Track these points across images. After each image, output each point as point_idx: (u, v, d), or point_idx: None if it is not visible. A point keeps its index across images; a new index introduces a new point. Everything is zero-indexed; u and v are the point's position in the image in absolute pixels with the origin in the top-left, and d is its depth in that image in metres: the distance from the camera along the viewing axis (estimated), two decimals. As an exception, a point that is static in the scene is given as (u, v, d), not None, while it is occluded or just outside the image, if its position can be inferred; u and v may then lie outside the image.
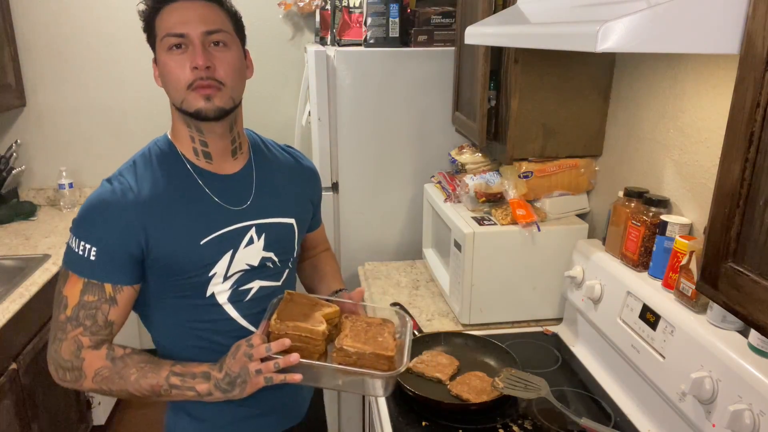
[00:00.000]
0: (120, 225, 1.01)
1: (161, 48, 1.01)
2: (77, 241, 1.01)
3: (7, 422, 1.84)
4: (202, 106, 1.01)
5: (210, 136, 1.08)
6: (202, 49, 0.99)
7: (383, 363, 1.06)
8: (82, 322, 1.02)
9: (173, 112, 1.09)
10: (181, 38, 0.99)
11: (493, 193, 1.73)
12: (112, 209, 1.01)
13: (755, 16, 0.68)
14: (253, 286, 1.14)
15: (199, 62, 0.98)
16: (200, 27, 0.99)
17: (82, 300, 1.02)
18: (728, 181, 0.72)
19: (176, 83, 1.01)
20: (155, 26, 1.02)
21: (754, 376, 0.96)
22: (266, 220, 1.14)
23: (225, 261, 1.09)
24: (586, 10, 0.99)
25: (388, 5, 2.03)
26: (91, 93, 2.83)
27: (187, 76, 1.00)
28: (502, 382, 1.29)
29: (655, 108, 1.41)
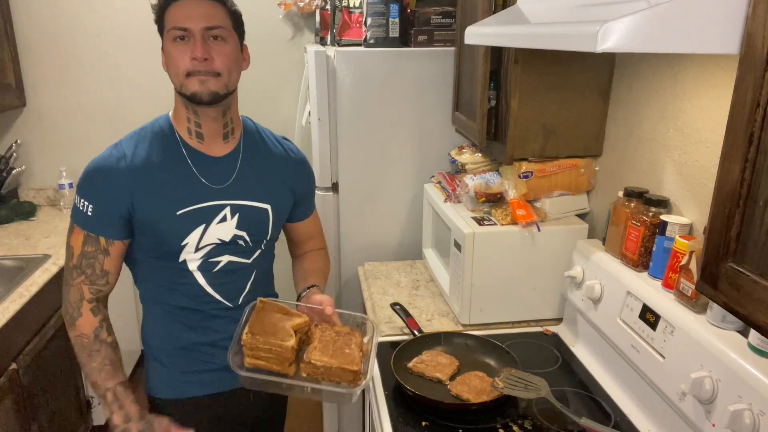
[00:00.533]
0: (112, 187, 1.17)
1: (168, 38, 1.15)
2: (79, 198, 1.18)
3: (7, 422, 1.84)
4: (197, 89, 1.14)
5: (204, 119, 1.21)
6: (202, 42, 1.13)
7: (348, 376, 1.15)
8: (84, 270, 1.20)
9: (175, 95, 1.22)
10: (185, 32, 1.12)
11: (493, 193, 1.73)
12: (107, 173, 1.17)
13: (755, 16, 0.68)
14: (222, 260, 1.26)
15: (198, 54, 1.12)
16: (201, 23, 1.12)
17: (83, 250, 1.20)
18: (728, 181, 0.72)
19: (176, 69, 1.14)
20: (165, 19, 1.15)
21: (754, 376, 0.96)
22: (242, 202, 1.26)
23: (197, 233, 1.22)
24: (586, 10, 0.99)
25: (388, 5, 2.03)
26: (91, 93, 2.83)
27: (186, 65, 1.13)
28: (502, 382, 1.29)
29: (655, 108, 1.41)
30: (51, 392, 2.16)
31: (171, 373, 1.32)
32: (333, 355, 1.16)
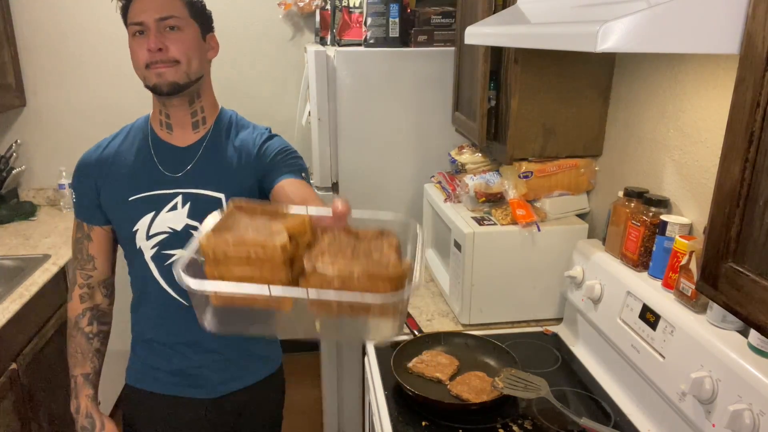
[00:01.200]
0: (84, 177, 1.26)
1: (129, 35, 1.19)
2: (71, 188, 1.30)
3: (7, 422, 1.84)
4: (156, 81, 1.16)
5: (171, 109, 1.23)
6: (156, 33, 1.15)
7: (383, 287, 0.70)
8: (76, 256, 1.31)
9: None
10: (140, 25, 1.15)
11: (493, 193, 1.73)
12: (83, 164, 1.27)
13: (755, 16, 0.68)
14: (175, 253, 1.25)
15: (151, 45, 1.14)
16: (154, 14, 1.15)
17: (75, 236, 1.31)
18: (728, 181, 0.72)
19: (137, 63, 1.18)
20: (127, 12, 1.19)
21: (754, 376, 0.96)
22: (194, 191, 1.23)
23: (146, 220, 1.23)
24: (586, 10, 0.99)
25: (388, 5, 2.03)
26: (91, 93, 2.83)
27: (144, 57, 1.16)
28: (502, 382, 1.29)
29: (655, 108, 1.41)
30: (51, 392, 2.16)
31: (137, 363, 1.36)
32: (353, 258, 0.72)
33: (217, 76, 1.32)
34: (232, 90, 2.87)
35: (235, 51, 2.83)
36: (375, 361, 1.50)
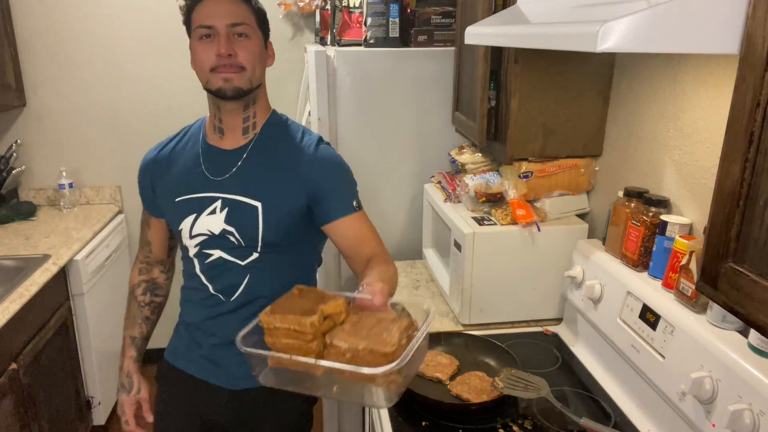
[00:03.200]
0: (142, 173, 1.36)
1: (194, 37, 1.19)
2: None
3: (7, 422, 1.84)
4: (222, 85, 1.18)
5: (225, 114, 1.25)
6: (226, 38, 1.16)
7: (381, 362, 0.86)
8: (141, 236, 1.44)
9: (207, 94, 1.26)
10: (210, 29, 1.16)
11: (493, 193, 1.73)
12: (144, 162, 1.36)
13: (755, 16, 0.68)
14: (214, 254, 1.28)
15: (223, 51, 1.16)
16: (226, 20, 1.16)
17: (142, 219, 1.42)
18: (728, 181, 0.72)
19: (202, 66, 1.19)
20: (192, 19, 1.20)
21: (754, 376, 0.96)
22: (233, 197, 1.25)
23: (189, 221, 1.28)
24: (586, 10, 0.99)
25: (388, 5, 2.03)
26: (91, 93, 2.83)
27: (211, 61, 1.17)
28: (502, 382, 1.29)
29: (655, 108, 1.41)
30: (51, 392, 2.16)
31: (177, 341, 1.42)
32: (364, 337, 0.91)
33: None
34: (232, 90, 2.87)
35: (235, 51, 2.83)
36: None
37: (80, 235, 2.49)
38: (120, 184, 2.97)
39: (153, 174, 1.34)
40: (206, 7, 1.18)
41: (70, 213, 2.81)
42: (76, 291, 2.36)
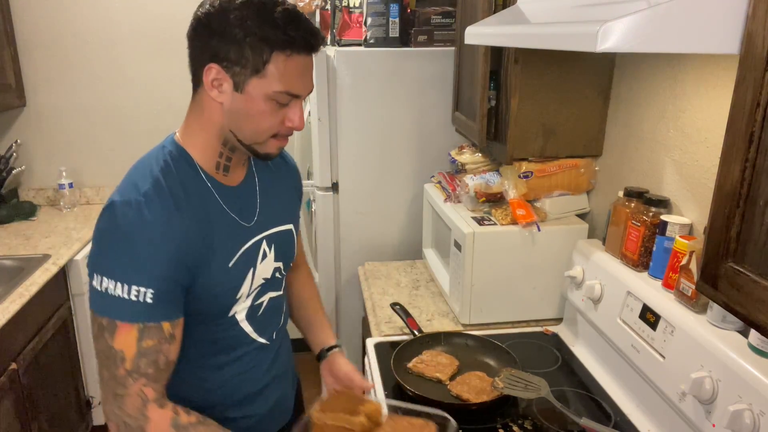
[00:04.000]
0: (173, 258, 0.92)
1: (264, 89, 0.93)
2: (126, 286, 0.89)
3: (7, 422, 1.84)
4: (274, 152, 1.01)
5: (237, 154, 1.04)
6: (302, 109, 0.98)
7: None
8: (144, 372, 0.92)
9: (213, 130, 0.99)
10: (292, 97, 0.95)
11: (493, 193, 1.73)
12: (161, 243, 0.91)
13: (755, 16, 0.68)
14: (264, 299, 1.12)
15: (301, 127, 0.98)
16: (309, 89, 0.98)
17: (140, 348, 0.91)
18: (728, 181, 0.72)
19: (260, 128, 0.97)
20: (271, 58, 0.91)
21: (754, 376, 0.96)
22: (272, 230, 1.11)
23: (249, 279, 1.06)
24: (586, 10, 0.99)
25: (388, 5, 2.03)
26: (90, 93, 2.83)
27: (276, 127, 0.97)
28: (502, 382, 1.29)
29: (655, 108, 1.41)
30: (51, 392, 2.16)
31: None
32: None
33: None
34: (232, 90, 2.87)
35: (235, 51, 2.83)
36: (375, 361, 1.50)
37: (80, 235, 2.49)
38: (120, 184, 2.97)
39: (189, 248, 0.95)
40: (299, 65, 0.93)
41: (70, 213, 2.81)
42: (76, 291, 2.36)
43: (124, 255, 0.90)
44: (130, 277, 0.89)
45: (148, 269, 0.90)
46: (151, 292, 0.90)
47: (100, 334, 0.92)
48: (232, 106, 0.95)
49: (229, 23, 0.89)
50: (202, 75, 0.94)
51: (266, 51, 0.90)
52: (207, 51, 0.92)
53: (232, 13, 0.89)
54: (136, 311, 0.90)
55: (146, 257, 0.90)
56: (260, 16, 0.89)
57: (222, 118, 0.96)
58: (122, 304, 0.90)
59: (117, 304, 0.90)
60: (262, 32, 0.89)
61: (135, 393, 0.92)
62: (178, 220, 0.94)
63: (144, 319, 0.91)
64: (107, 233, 0.92)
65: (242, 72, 0.91)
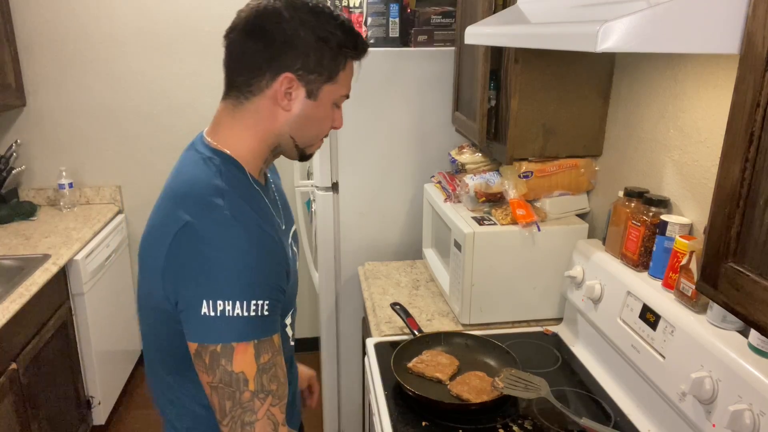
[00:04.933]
0: (276, 266, 0.91)
1: (330, 98, 0.96)
2: (245, 303, 0.85)
3: (7, 422, 1.84)
4: (316, 151, 1.05)
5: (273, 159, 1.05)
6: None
7: None
8: (269, 389, 0.88)
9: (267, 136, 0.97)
10: (346, 98, 0.99)
11: (493, 193, 1.73)
12: (270, 252, 0.90)
13: (755, 16, 0.68)
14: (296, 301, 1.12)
15: (341, 125, 1.01)
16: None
17: (260, 365, 0.87)
18: (728, 181, 0.72)
19: (322, 131, 0.99)
20: (341, 69, 0.94)
21: (754, 376, 0.96)
22: (292, 230, 1.12)
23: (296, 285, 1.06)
24: (586, 10, 0.99)
25: (388, 5, 2.03)
26: (91, 93, 2.84)
27: (325, 132, 1.01)
28: (502, 382, 1.29)
29: (655, 108, 1.41)
30: (51, 392, 2.16)
31: None
32: None
33: (217, 76, 1.32)
34: (232, 90, 2.87)
35: (235, 51, 2.83)
36: (375, 361, 1.50)
37: (80, 235, 2.49)
38: (120, 184, 2.97)
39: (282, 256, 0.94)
40: (352, 72, 0.97)
41: (70, 213, 2.81)
42: (76, 291, 2.36)
43: (237, 273, 0.85)
44: (249, 293, 0.85)
45: (264, 281, 0.87)
46: (268, 303, 0.87)
47: (215, 364, 0.85)
48: (301, 113, 0.95)
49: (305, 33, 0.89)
50: (262, 84, 0.92)
51: (341, 59, 0.93)
52: (276, 61, 0.90)
53: (311, 27, 0.89)
54: (252, 327, 0.86)
55: (259, 269, 0.87)
56: (335, 28, 0.91)
57: (282, 125, 0.95)
58: (239, 324, 0.85)
59: (234, 325, 0.85)
60: (338, 41, 0.91)
61: (264, 416, 0.88)
62: (264, 227, 0.90)
63: (259, 334, 0.87)
64: (207, 256, 0.85)
65: (317, 80, 0.92)
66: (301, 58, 0.90)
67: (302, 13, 0.89)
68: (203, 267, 0.85)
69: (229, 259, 0.85)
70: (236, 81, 0.94)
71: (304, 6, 0.90)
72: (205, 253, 0.85)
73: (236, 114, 0.96)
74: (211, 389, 0.87)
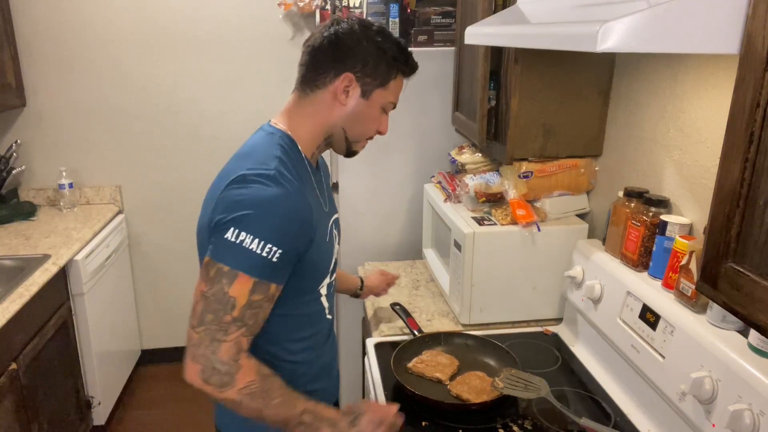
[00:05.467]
0: (301, 227, 1.04)
1: (380, 102, 1.14)
2: (261, 242, 0.98)
3: (7, 422, 1.84)
4: (359, 152, 1.21)
5: (325, 149, 1.21)
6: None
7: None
8: (246, 322, 1.01)
9: (323, 125, 1.14)
10: (394, 106, 1.19)
11: (493, 193, 1.73)
12: (299, 212, 1.04)
13: (755, 16, 0.68)
14: (334, 279, 1.25)
15: (386, 133, 1.20)
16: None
17: (250, 300, 1.00)
18: (728, 181, 0.72)
19: (368, 129, 1.17)
20: (393, 78, 1.14)
21: (754, 376, 0.96)
22: (334, 217, 1.25)
23: (333, 257, 1.20)
24: (586, 10, 0.99)
25: (388, 5, 2.03)
26: (91, 93, 2.83)
27: (372, 134, 1.19)
28: (502, 382, 1.29)
29: (655, 108, 1.41)
30: (51, 392, 2.16)
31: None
32: None
33: (217, 76, 1.32)
34: (233, 90, 2.87)
35: (235, 51, 2.83)
36: (375, 361, 1.50)
37: (80, 235, 2.49)
38: (120, 184, 2.97)
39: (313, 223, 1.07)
40: (401, 87, 1.17)
41: (70, 213, 2.81)
42: (76, 291, 2.36)
43: (266, 216, 1.00)
44: (268, 236, 0.99)
45: (285, 232, 1.01)
46: (280, 252, 1.00)
47: (217, 279, 0.99)
48: (354, 109, 1.13)
49: (368, 45, 1.10)
50: (326, 80, 1.11)
51: (393, 71, 1.13)
52: (342, 63, 1.10)
53: (374, 40, 1.10)
54: (259, 266, 0.99)
55: (285, 222, 1.01)
56: (393, 45, 1.13)
57: (337, 117, 1.13)
58: (250, 258, 0.98)
59: (245, 256, 0.98)
60: (393, 55, 1.12)
61: (233, 340, 1.00)
62: (304, 194, 1.06)
63: (262, 275, 1.00)
64: (248, 198, 1.01)
65: (372, 83, 1.12)
66: (362, 63, 1.10)
67: (369, 31, 1.11)
68: (241, 204, 1.00)
69: (264, 204, 1.00)
70: (307, 77, 1.13)
71: (372, 26, 1.12)
72: (246, 194, 1.01)
73: (301, 103, 1.15)
74: (201, 297, 1.00)
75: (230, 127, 2.89)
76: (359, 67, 1.10)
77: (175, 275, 3.12)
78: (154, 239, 3.06)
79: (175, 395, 2.94)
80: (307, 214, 1.05)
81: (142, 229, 3.05)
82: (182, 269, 3.11)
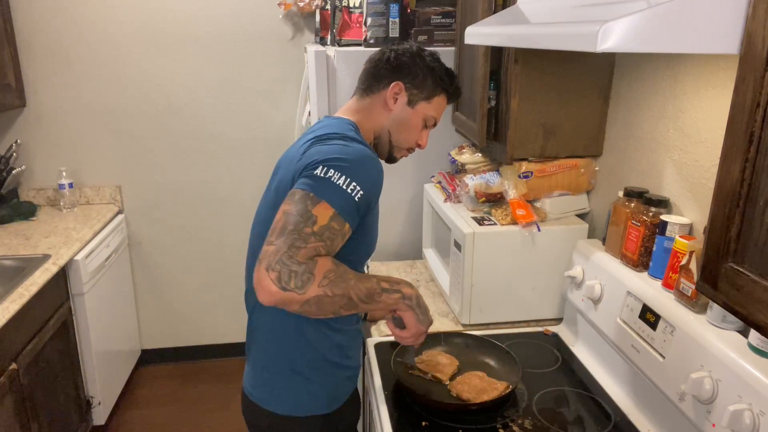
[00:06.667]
0: (378, 184, 1.18)
1: (423, 113, 1.30)
2: (348, 180, 1.09)
3: (7, 422, 1.84)
4: (397, 160, 1.38)
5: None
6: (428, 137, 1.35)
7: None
8: (324, 239, 1.07)
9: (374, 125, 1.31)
10: (431, 126, 1.33)
11: (493, 193, 1.73)
12: (377, 168, 1.18)
13: (755, 16, 0.68)
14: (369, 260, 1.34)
15: (425, 147, 1.36)
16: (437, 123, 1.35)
17: (329, 224, 1.08)
18: (728, 181, 0.72)
19: (408, 140, 1.32)
20: (437, 95, 1.30)
21: (754, 376, 0.96)
22: None
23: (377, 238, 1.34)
24: (586, 10, 0.99)
25: (388, 5, 2.03)
26: (91, 93, 2.83)
27: (412, 142, 1.33)
28: None
29: (655, 108, 1.41)
30: (51, 392, 2.16)
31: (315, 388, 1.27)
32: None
33: (217, 76, 1.32)
34: (233, 90, 2.87)
35: (235, 51, 2.83)
36: (375, 361, 1.50)
37: (80, 235, 2.49)
38: (120, 183, 2.97)
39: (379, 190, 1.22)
40: (443, 106, 1.32)
41: (70, 213, 2.81)
42: (76, 291, 2.36)
43: (353, 162, 1.12)
44: (355, 177, 1.10)
45: (366, 179, 1.12)
46: (362, 193, 1.10)
47: (302, 201, 1.07)
48: (400, 115, 1.29)
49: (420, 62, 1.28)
50: (380, 87, 1.28)
51: (438, 89, 1.29)
52: (396, 74, 1.27)
53: (425, 59, 1.29)
54: (341, 200, 1.08)
55: (367, 171, 1.13)
56: (442, 67, 1.30)
57: (386, 120, 1.30)
58: (335, 191, 1.08)
59: (331, 189, 1.08)
60: (440, 75, 1.29)
61: (311, 247, 1.05)
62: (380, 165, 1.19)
63: (342, 210, 1.08)
64: (334, 147, 1.14)
65: (418, 94, 1.28)
66: (411, 76, 1.27)
67: (423, 52, 1.30)
68: (329, 152, 1.12)
69: (351, 153, 1.13)
70: (365, 83, 1.31)
71: (427, 50, 1.32)
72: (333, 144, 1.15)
73: (358, 106, 1.32)
74: (283, 214, 1.06)
75: (230, 127, 2.89)
76: (409, 79, 1.27)
77: (175, 275, 3.12)
78: (154, 239, 3.06)
79: (175, 395, 2.94)
80: (381, 174, 1.18)
81: (142, 229, 3.05)
82: (182, 269, 3.11)
